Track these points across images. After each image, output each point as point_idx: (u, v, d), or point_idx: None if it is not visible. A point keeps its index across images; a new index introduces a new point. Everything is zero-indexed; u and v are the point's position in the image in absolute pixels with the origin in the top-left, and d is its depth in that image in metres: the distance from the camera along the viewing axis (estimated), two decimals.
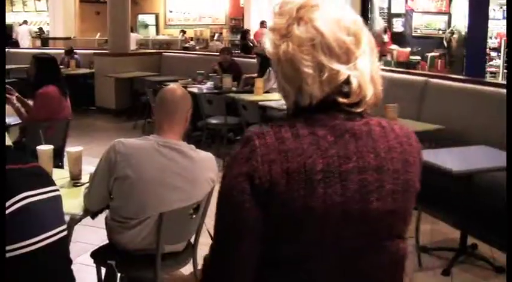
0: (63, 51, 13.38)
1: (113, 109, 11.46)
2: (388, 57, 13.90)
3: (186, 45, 18.10)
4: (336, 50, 1.34)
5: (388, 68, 8.71)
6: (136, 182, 2.81)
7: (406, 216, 1.46)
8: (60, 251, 2.13)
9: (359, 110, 1.39)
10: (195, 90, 8.48)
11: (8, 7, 24.71)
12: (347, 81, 1.35)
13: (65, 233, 2.16)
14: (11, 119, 5.84)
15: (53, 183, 2.19)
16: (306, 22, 1.35)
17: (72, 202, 3.12)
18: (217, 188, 1.58)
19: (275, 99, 7.39)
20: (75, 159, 3.56)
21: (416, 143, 1.48)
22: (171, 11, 21.96)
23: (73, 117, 5.91)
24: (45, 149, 3.67)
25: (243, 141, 1.37)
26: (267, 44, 1.41)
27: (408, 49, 13.96)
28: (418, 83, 6.75)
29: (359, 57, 1.36)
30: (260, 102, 7.08)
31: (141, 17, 22.65)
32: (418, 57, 13.41)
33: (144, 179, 2.82)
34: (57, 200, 2.18)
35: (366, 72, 1.37)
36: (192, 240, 3.29)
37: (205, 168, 3.02)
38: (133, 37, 17.38)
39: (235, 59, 9.90)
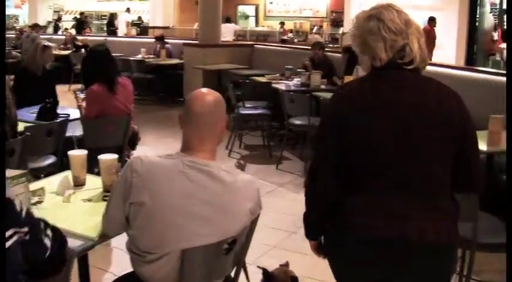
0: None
1: None
2: (497, 57, 12.89)
3: (284, 37, 17.53)
4: (393, 29, 2.11)
5: (494, 70, 7.67)
6: (154, 211, 2.24)
7: (444, 141, 2.08)
8: None
9: (410, 67, 2.12)
10: (281, 86, 7.91)
11: None
12: (403, 48, 2.12)
13: None
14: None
15: None
16: (375, 19, 2.15)
17: (89, 222, 2.58)
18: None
19: None
20: (107, 168, 3.04)
21: (453, 92, 2.16)
22: (271, 2, 21.44)
23: (133, 111, 5.45)
24: (76, 154, 3.18)
25: (333, 93, 2.28)
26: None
27: None
28: None
29: (410, 34, 2.13)
30: None
31: (242, 8, 22.29)
32: None
33: (164, 207, 2.25)
34: None
35: (414, 42, 2.13)
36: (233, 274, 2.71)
37: (243, 196, 2.41)
38: (231, 28, 17.05)
39: (329, 54, 9.23)
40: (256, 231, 2.64)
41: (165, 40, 12.87)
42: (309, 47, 9.43)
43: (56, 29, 21.68)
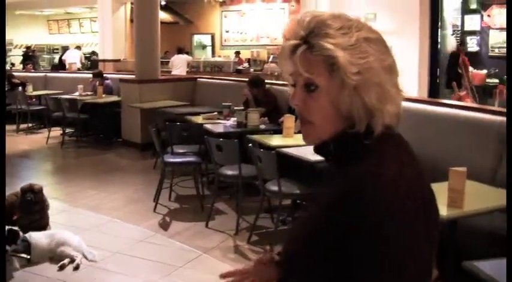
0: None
1: (139, 143, 10.01)
2: (461, 80, 12.13)
3: (240, 67, 16.59)
4: None
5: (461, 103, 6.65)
6: None
7: None
8: None
9: None
10: (216, 128, 6.89)
11: (65, 28, 24.20)
12: None
13: None
14: None
15: None
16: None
17: None
18: None
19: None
20: None
21: None
22: (227, 31, 20.50)
23: None
24: None
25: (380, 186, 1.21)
26: None
27: (484, 71, 12.19)
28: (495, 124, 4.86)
29: None
30: (283, 149, 5.35)
31: (198, 38, 21.36)
32: (496, 80, 11.67)
33: None
34: None
35: None
36: None
37: None
38: (184, 59, 16.14)
39: (276, 87, 8.24)
40: None
41: (104, 75, 11.83)
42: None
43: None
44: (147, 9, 10.17)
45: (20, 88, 13.07)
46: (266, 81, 8.13)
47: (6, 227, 4.70)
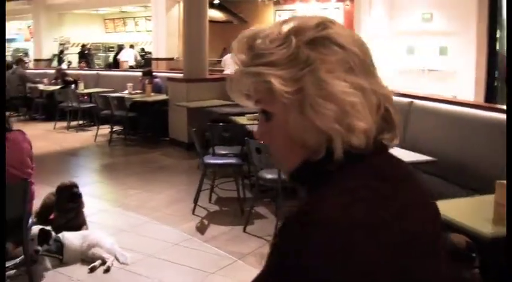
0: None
1: (185, 142, 9.92)
2: None
3: None
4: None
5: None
6: None
7: None
8: None
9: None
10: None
11: (120, 27, 24.44)
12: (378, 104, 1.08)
13: None
14: None
15: None
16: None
17: None
18: None
19: None
20: None
21: None
22: None
23: (33, 172, 4.36)
24: None
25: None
26: None
27: None
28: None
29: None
30: None
31: None
32: None
33: None
34: None
35: None
36: None
37: None
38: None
39: None
40: None
41: (154, 74, 11.81)
42: None
43: (60, 62, 20.95)
44: (195, 8, 10.08)
45: (73, 86, 13.21)
46: None
47: (38, 227, 4.65)
